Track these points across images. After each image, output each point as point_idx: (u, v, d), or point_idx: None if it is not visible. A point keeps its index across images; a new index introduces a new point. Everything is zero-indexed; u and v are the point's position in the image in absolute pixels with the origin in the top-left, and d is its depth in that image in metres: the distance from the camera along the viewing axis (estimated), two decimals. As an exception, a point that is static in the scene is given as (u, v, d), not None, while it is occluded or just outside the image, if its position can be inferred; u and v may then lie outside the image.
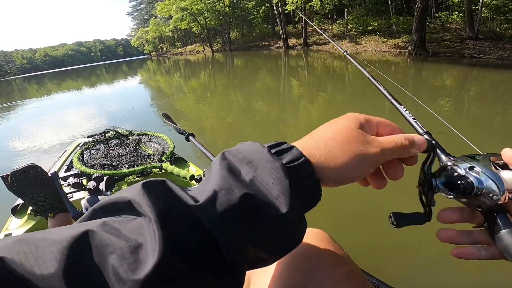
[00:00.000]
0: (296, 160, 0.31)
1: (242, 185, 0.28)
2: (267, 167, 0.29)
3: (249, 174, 0.29)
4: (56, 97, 16.32)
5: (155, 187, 0.28)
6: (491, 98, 6.00)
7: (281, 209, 0.28)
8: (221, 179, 0.28)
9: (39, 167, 1.21)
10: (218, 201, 0.27)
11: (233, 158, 0.31)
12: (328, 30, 24.53)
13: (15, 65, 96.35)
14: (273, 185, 0.28)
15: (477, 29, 13.13)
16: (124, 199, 0.28)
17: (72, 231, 0.24)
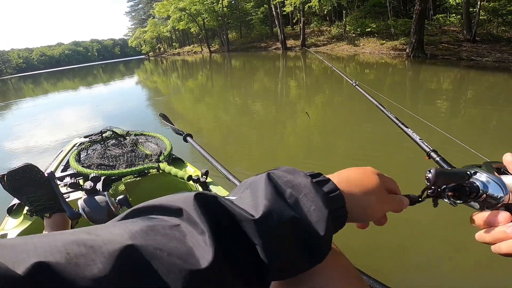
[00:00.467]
0: (333, 192, 0.36)
1: (289, 207, 0.32)
2: (310, 194, 0.34)
3: (292, 197, 0.33)
4: (51, 97, 16.21)
5: (208, 201, 0.30)
6: (489, 101, 5.98)
7: (320, 232, 0.32)
8: (272, 198, 0.32)
9: (36, 167, 1.20)
10: (272, 220, 0.30)
11: (279, 180, 0.35)
12: (326, 31, 24.55)
13: (11, 65, 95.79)
14: (313, 210, 0.33)
15: (475, 31, 13.15)
16: (175, 206, 0.29)
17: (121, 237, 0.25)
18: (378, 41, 17.22)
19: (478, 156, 0.75)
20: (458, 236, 2.12)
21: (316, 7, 19.38)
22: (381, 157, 3.74)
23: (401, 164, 3.59)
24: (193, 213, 0.28)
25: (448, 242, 2.15)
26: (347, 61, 15.12)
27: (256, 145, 4.66)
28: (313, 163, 3.74)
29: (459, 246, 2.09)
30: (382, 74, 10.32)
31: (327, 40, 23.02)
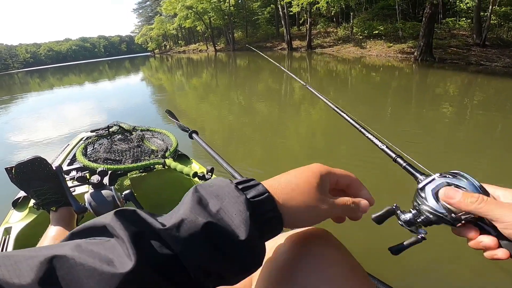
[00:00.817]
0: (260, 195, 0.37)
1: (207, 214, 0.33)
2: (232, 201, 0.35)
3: (216, 205, 0.34)
4: (57, 91, 16.27)
5: (127, 214, 0.32)
6: (499, 107, 5.89)
7: (240, 236, 0.33)
8: (189, 209, 0.33)
9: (45, 160, 1.19)
10: (183, 227, 0.31)
11: (204, 191, 0.36)
12: (333, 33, 24.45)
13: (18, 59, 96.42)
14: (235, 215, 0.34)
15: (485, 36, 13.01)
16: (100, 224, 0.32)
17: (49, 250, 0.27)
18: (385, 44, 17.10)
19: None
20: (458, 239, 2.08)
21: (323, 8, 19.26)
22: (385, 159, 3.69)
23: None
24: (115, 227, 0.30)
25: (448, 245, 2.11)
26: (353, 63, 15.02)
27: (258, 145, 4.63)
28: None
29: (459, 248, 2.05)
30: (388, 77, 10.23)
31: (334, 42, 22.93)
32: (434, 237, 1.89)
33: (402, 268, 2.00)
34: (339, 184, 0.46)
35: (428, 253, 2.07)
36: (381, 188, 3.13)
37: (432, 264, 1.98)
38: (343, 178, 0.46)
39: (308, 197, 0.40)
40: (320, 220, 0.41)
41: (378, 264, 1.96)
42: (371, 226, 1.88)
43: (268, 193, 0.37)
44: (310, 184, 0.41)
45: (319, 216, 0.41)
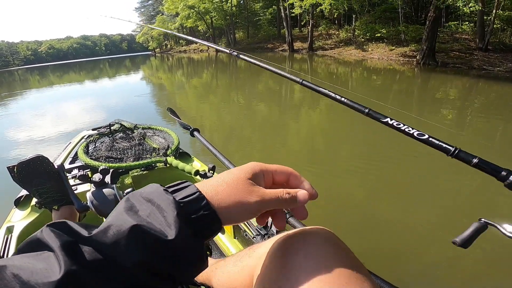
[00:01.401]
0: (191, 196, 0.37)
1: (135, 219, 0.34)
2: (162, 204, 0.36)
3: (147, 210, 0.35)
4: (57, 89, 16.25)
5: (58, 226, 0.34)
6: (503, 113, 5.82)
7: (169, 236, 0.33)
8: (117, 216, 0.34)
9: (47, 158, 1.20)
10: (109, 232, 0.33)
11: (135, 199, 0.37)
12: (334, 35, 24.39)
13: (19, 56, 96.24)
14: (164, 217, 0.35)
15: (488, 40, 12.94)
16: (34, 238, 0.33)
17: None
18: (387, 47, 17.03)
19: None
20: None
21: (326, 10, 19.18)
22: (386, 161, 3.65)
23: (408, 167, 3.48)
24: (47, 239, 0.32)
25: (449, 247, 2.12)
26: (354, 66, 14.97)
27: (257, 146, 4.61)
28: (315, 166, 3.67)
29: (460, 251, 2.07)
30: (389, 81, 10.17)
31: (335, 44, 22.87)
32: (435, 239, 1.91)
33: (403, 268, 2.01)
34: (276, 179, 0.46)
35: (429, 254, 2.08)
36: (386, 190, 3.07)
37: (433, 265, 1.99)
38: (280, 173, 0.46)
39: (236, 191, 0.40)
40: (254, 213, 0.41)
41: (379, 264, 1.97)
42: (372, 227, 1.92)
43: (198, 193, 0.38)
44: (239, 179, 0.41)
45: (251, 209, 0.40)
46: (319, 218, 2.64)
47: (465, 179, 3.22)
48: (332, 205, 2.84)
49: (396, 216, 2.59)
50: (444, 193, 2.95)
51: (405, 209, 2.69)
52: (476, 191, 2.98)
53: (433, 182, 3.16)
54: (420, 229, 2.40)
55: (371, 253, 2.09)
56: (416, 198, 2.86)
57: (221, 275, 0.64)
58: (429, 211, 2.63)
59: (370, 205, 2.78)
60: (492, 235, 1.70)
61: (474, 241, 0.46)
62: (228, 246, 1.41)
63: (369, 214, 2.63)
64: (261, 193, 0.41)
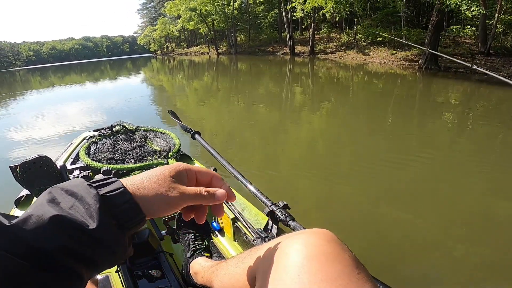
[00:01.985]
0: (115, 190, 0.39)
1: (56, 209, 0.34)
2: (85, 197, 0.37)
3: (69, 202, 0.36)
4: (58, 90, 16.27)
5: None
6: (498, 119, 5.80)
7: (90, 226, 0.35)
8: (38, 207, 0.35)
9: (50, 158, 1.22)
10: (30, 221, 0.33)
11: (57, 192, 0.37)
12: (336, 39, 24.42)
13: (20, 57, 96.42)
14: (86, 209, 0.36)
15: (490, 44, 12.90)
16: None
17: None
18: (389, 51, 17.01)
19: None
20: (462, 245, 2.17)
21: (328, 13, 19.20)
22: (388, 165, 3.63)
23: (410, 171, 3.46)
24: None
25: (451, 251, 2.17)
26: (355, 70, 14.96)
27: (258, 149, 4.59)
28: (316, 170, 3.66)
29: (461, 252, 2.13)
30: (391, 85, 10.15)
31: (336, 48, 22.89)
32: (437, 243, 1.93)
33: (405, 272, 2.01)
34: (200, 180, 0.48)
35: (431, 259, 2.07)
36: (387, 194, 3.05)
37: (435, 269, 1.98)
38: (203, 174, 0.49)
39: (157, 186, 0.42)
40: (174, 206, 0.43)
41: (381, 268, 1.97)
42: (374, 230, 1.92)
43: (122, 188, 0.39)
44: (161, 175, 0.43)
45: (172, 202, 0.42)
46: (320, 221, 2.63)
47: (467, 182, 3.20)
48: (332, 209, 2.82)
49: (398, 220, 2.57)
50: (446, 197, 2.93)
51: (407, 212, 2.66)
52: (478, 195, 2.95)
53: (435, 185, 3.13)
54: (422, 233, 2.39)
55: (372, 256, 2.08)
56: (418, 202, 2.84)
57: (223, 277, 0.65)
58: (432, 215, 2.61)
59: (371, 209, 2.76)
60: (493, 240, 1.71)
61: None
62: (228, 249, 1.40)
63: (371, 217, 2.61)
64: (181, 189, 0.44)
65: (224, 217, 1.43)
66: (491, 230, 2.39)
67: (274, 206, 1.03)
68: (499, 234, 2.32)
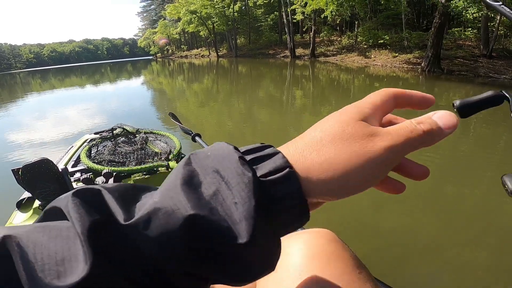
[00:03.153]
0: (277, 172, 0.24)
1: (193, 203, 0.23)
2: (234, 181, 0.23)
3: (211, 187, 0.24)
4: (58, 92, 16.29)
5: (86, 197, 0.24)
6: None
7: (240, 238, 0.22)
8: (168, 193, 0.24)
9: (51, 161, 1.22)
10: (155, 222, 0.22)
11: (199, 163, 0.25)
12: (336, 41, 24.40)
13: (21, 59, 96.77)
14: (235, 205, 0.23)
15: (492, 47, 12.85)
16: (55, 207, 0.25)
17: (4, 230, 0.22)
18: (390, 54, 16.96)
19: None
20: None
21: (329, 16, 19.18)
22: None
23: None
24: (70, 213, 0.23)
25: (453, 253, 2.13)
26: (356, 72, 14.91)
27: None
28: None
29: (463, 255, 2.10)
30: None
31: (337, 50, 22.87)
32: (441, 246, 1.88)
33: (407, 275, 1.98)
34: (380, 117, 0.29)
35: (434, 262, 2.05)
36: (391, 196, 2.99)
37: (438, 273, 1.96)
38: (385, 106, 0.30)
39: (346, 141, 0.25)
40: (381, 173, 0.26)
41: (383, 271, 1.96)
42: (376, 232, 1.85)
43: (289, 169, 0.24)
44: (344, 121, 0.27)
45: (377, 166, 0.25)
46: (321, 221, 2.56)
47: (471, 184, 3.17)
48: (333, 210, 2.76)
49: (400, 222, 2.54)
50: (449, 198, 2.91)
51: (410, 215, 2.63)
52: (482, 197, 2.93)
53: (438, 187, 3.09)
54: (425, 235, 2.37)
55: (374, 258, 2.07)
56: (421, 204, 2.80)
57: None
58: (435, 217, 2.59)
59: (373, 210, 2.72)
60: (498, 243, 1.63)
61: (478, 111, 0.34)
62: None
63: (373, 220, 2.59)
64: (385, 133, 0.26)
65: None
66: (496, 232, 2.36)
67: None
68: (504, 236, 2.28)
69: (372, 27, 19.42)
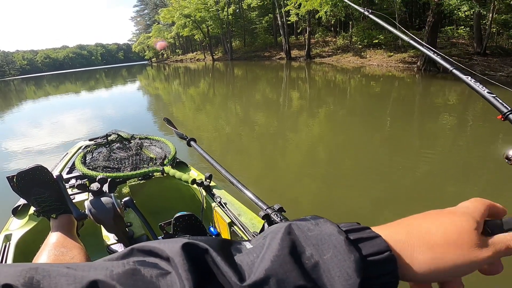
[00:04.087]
0: (379, 254, 0.27)
1: (300, 273, 0.25)
2: (338, 257, 0.26)
3: (313, 258, 0.26)
4: (53, 99, 16.23)
5: (197, 253, 0.26)
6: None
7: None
8: (278, 260, 0.25)
9: (45, 168, 1.23)
10: (267, 286, 0.24)
11: (301, 234, 0.27)
12: (331, 42, 24.45)
13: (14, 66, 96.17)
14: (338, 279, 0.25)
15: (485, 44, 12.93)
16: (163, 253, 0.26)
17: (97, 272, 0.23)
18: (385, 53, 17.02)
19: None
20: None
21: (324, 17, 19.19)
22: (391, 171, 3.54)
23: (413, 176, 3.36)
24: (179, 265, 0.24)
25: None
26: (352, 73, 14.93)
27: (256, 156, 4.55)
28: (317, 176, 3.58)
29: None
30: (390, 88, 10.10)
31: (333, 51, 22.92)
32: None
33: None
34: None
35: None
36: (392, 200, 2.95)
37: None
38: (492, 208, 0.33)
39: (458, 247, 0.28)
40: (469, 272, 0.29)
41: None
42: None
43: (389, 252, 0.27)
44: (463, 229, 0.29)
45: (472, 268, 0.29)
46: None
47: (472, 184, 3.16)
48: (331, 212, 2.74)
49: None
50: (451, 200, 2.84)
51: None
52: (485, 197, 2.89)
53: (439, 189, 3.08)
54: None
55: None
56: (420, 206, 2.76)
57: None
58: None
59: (372, 213, 2.71)
60: None
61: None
62: None
63: (371, 221, 2.53)
64: (491, 244, 0.29)
65: (221, 221, 1.45)
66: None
67: (270, 210, 1.06)
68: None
69: (366, 27, 19.47)
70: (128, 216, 1.33)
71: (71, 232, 1.18)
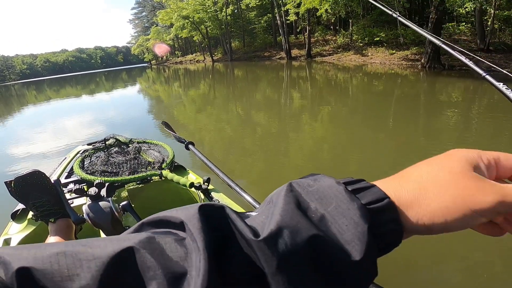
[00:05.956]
0: (378, 202, 0.27)
1: (310, 224, 0.25)
2: (342, 207, 0.26)
3: (318, 211, 0.26)
4: (54, 104, 16.24)
5: (212, 212, 0.26)
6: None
7: (353, 256, 0.25)
8: (287, 214, 0.25)
9: (43, 173, 1.24)
10: (282, 239, 0.24)
11: (302, 191, 0.28)
12: (332, 41, 24.35)
13: (14, 70, 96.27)
14: (347, 227, 0.25)
15: (488, 41, 12.81)
16: (177, 219, 0.26)
17: (115, 246, 0.23)
18: (387, 51, 16.89)
19: None
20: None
21: (324, 16, 19.10)
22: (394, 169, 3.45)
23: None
24: (193, 227, 0.25)
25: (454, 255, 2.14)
26: (354, 71, 14.81)
27: (259, 157, 4.51)
28: None
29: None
30: (394, 86, 9.98)
31: (333, 50, 22.81)
32: (446, 250, 1.87)
33: (412, 280, 1.99)
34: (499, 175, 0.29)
35: (439, 266, 2.06)
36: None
37: (443, 277, 1.95)
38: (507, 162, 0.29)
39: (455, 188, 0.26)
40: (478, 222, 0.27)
41: (386, 274, 1.87)
42: None
43: (388, 199, 0.27)
44: (456, 169, 0.27)
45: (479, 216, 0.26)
46: None
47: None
48: None
49: None
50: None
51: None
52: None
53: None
54: (429, 240, 2.27)
55: (379, 262, 2.01)
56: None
57: None
58: None
59: None
60: (504, 249, 1.50)
61: None
62: None
63: None
64: (498, 188, 0.26)
65: None
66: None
67: None
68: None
69: (367, 25, 19.37)
70: (126, 220, 1.31)
71: (69, 236, 1.20)
